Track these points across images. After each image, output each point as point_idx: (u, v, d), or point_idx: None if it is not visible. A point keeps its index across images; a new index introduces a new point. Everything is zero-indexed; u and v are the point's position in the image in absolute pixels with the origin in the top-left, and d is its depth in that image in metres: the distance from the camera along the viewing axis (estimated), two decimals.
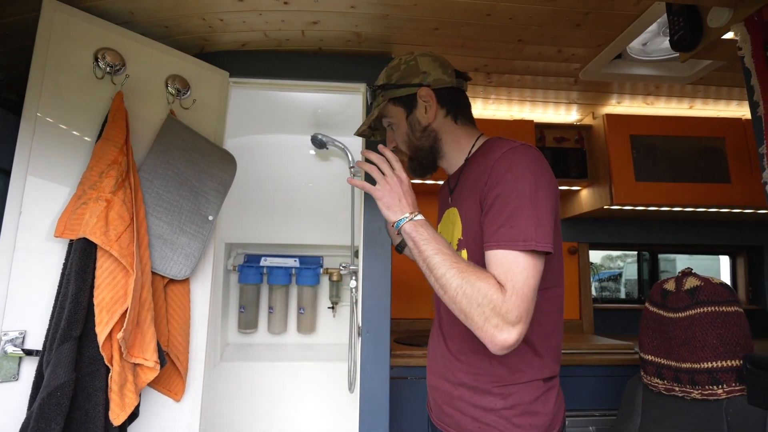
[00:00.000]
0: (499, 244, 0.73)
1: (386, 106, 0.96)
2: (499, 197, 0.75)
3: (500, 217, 0.74)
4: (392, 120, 0.97)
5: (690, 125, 1.95)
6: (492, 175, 0.78)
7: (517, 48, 1.48)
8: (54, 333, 0.92)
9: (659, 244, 2.38)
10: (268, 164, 1.93)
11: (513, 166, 0.77)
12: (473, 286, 0.70)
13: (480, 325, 0.69)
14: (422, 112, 0.92)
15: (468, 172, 0.90)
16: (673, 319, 1.06)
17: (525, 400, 0.81)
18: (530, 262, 0.71)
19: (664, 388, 1.07)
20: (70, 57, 1.07)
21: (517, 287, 0.69)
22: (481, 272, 0.72)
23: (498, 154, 0.80)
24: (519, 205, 0.73)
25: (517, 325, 0.68)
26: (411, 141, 0.95)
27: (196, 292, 1.25)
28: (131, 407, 0.95)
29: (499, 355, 0.70)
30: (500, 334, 0.68)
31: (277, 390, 1.79)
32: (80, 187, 1.00)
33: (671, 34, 1.06)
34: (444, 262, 0.74)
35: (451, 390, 0.87)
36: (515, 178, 0.75)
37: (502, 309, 0.68)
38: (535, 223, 0.72)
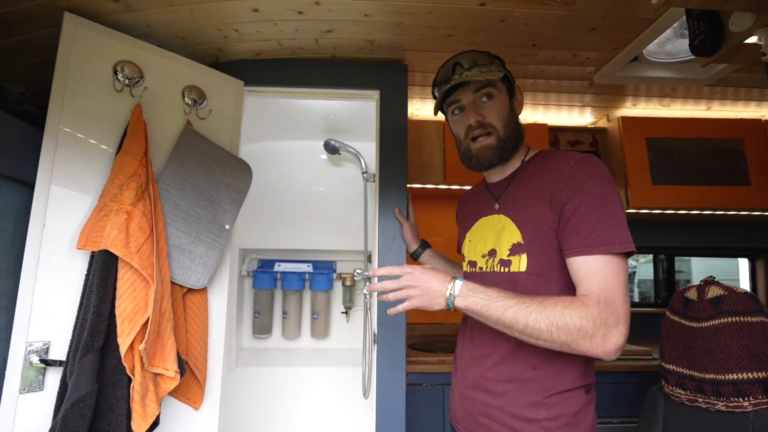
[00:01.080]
0: (592, 249, 0.75)
1: (499, 81, 0.93)
2: (583, 204, 0.78)
3: (587, 223, 0.76)
4: (498, 94, 0.93)
5: (707, 127, 1.92)
6: (571, 183, 0.80)
7: (530, 53, 1.47)
8: (77, 344, 0.93)
9: (676, 248, 2.34)
10: (282, 170, 1.94)
11: (594, 174, 0.79)
12: (563, 317, 0.72)
13: (588, 346, 0.71)
14: (516, 104, 0.97)
15: (523, 180, 0.92)
16: (696, 328, 1.04)
17: (569, 411, 0.80)
18: (621, 265, 0.74)
19: (687, 399, 1.05)
20: (91, 70, 1.09)
21: (610, 293, 0.72)
22: (561, 300, 0.74)
23: (572, 162, 0.82)
24: (608, 212, 0.76)
25: (618, 326, 0.70)
26: (509, 121, 0.93)
27: (213, 300, 1.26)
28: (153, 417, 0.96)
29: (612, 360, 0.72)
30: (609, 341, 0.70)
31: (291, 395, 1.80)
32: (101, 200, 1.01)
33: (691, 39, 1.04)
34: (518, 314, 0.74)
35: (489, 400, 0.86)
36: (599, 185, 0.78)
37: (601, 319, 0.70)
38: (624, 225, 0.76)
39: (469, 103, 0.93)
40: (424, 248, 1.35)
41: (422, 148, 1.93)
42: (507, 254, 0.88)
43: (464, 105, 0.94)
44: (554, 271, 0.82)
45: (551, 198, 0.82)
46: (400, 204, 1.44)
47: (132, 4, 1.13)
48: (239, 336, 1.89)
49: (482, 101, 0.92)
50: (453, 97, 0.96)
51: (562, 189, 0.81)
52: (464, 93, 0.93)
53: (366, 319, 1.59)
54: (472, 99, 0.93)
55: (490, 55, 0.95)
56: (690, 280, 4.16)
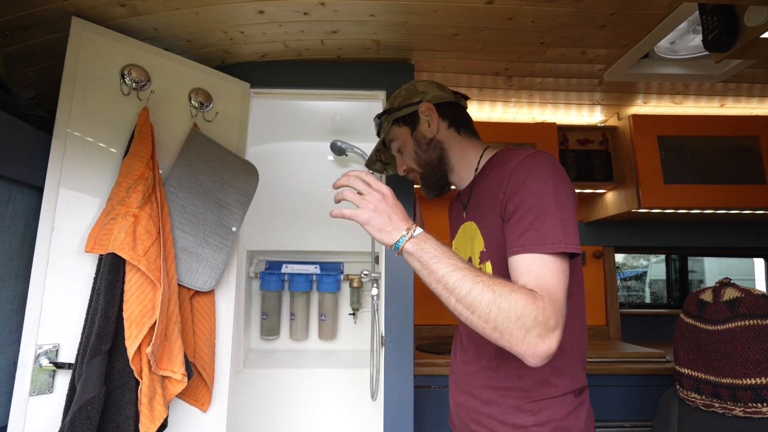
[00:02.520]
0: (526, 247, 0.70)
1: (391, 130, 1.00)
2: (522, 203, 0.74)
3: (524, 221, 0.72)
4: (399, 141, 1.00)
5: (721, 124, 1.88)
6: (511, 183, 0.76)
7: (539, 51, 1.45)
8: (85, 347, 0.93)
9: (689, 247, 2.29)
10: (288, 172, 1.94)
11: (533, 171, 0.75)
12: (508, 299, 0.64)
13: (520, 339, 0.63)
14: (425, 126, 0.95)
15: (481, 185, 0.89)
16: (711, 331, 1.01)
17: (557, 416, 0.78)
18: (560, 266, 0.69)
19: (703, 404, 1.02)
20: (98, 74, 1.10)
21: (552, 292, 0.66)
22: (511, 283, 0.68)
23: (514, 162, 0.78)
24: (543, 209, 0.71)
25: (555, 330, 0.64)
26: (419, 156, 0.97)
27: (220, 302, 1.26)
28: (160, 420, 0.97)
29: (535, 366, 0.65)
30: (543, 344, 0.63)
31: (299, 397, 1.79)
32: (109, 203, 1.02)
33: (705, 35, 1.01)
34: (465, 278, 0.67)
35: (479, 407, 0.86)
36: (537, 183, 0.74)
37: (542, 317, 0.63)
38: (561, 224, 0.70)
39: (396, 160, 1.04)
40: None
41: None
42: (478, 262, 0.87)
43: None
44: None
45: (498, 201, 0.79)
46: (406, 205, 1.42)
47: (138, 8, 1.14)
48: (247, 338, 1.90)
49: (399, 154, 1.02)
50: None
51: (505, 191, 0.77)
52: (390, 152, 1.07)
53: (374, 321, 1.58)
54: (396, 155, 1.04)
55: (378, 116, 1.04)
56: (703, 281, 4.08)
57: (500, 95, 1.84)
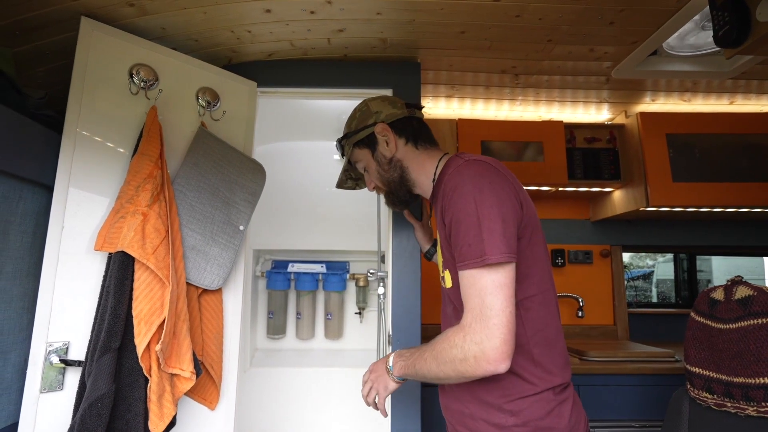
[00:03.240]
0: (460, 265, 0.75)
1: (353, 152, 1.04)
2: (452, 220, 0.78)
3: (457, 238, 0.77)
4: (363, 163, 1.04)
5: (731, 122, 1.86)
6: (444, 198, 0.81)
7: (546, 48, 1.44)
8: (95, 344, 0.94)
9: (698, 246, 2.27)
10: (294, 171, 1.94)
11: (457, 186, 0.79)
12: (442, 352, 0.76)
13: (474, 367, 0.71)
14: (384, 146, 0.99)
15: (436, 196, 0.92)
16: (723, 330, 1.00)
17: (536, 416, 0.78)
18: (491, 277, 0.72)
19: (714, 403, 1.01)
20: (107, 74, 1.10)
21: (478, 309, 0.72)
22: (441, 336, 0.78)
23: (445, 177, 0.84)
24: (468, 224, 0.75)
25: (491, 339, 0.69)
26: (382, 176, 1.01)
27: (228, 301, 1.26)
28: (169, 417, 0.97)
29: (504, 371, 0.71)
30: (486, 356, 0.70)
31: (306, 395, 1.79)
32: (118, 202, 1.02)
33: (715, 30, 1.00)
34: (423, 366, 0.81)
35: (462, 408, 0.86)
36: (459, 197, 0.77)
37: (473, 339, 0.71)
38: (484, 237, 0.73)
39: (364, 177, 1.09)
40: (437, 248, 1.33)
41: None
42: (442, 271, 0.92)
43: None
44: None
45: (442, 215, 0.84)
46: (414, 205, 1.42)
47: (147, 8, 1.14)
48: (254, 336, 1.90)
49: (366, 174, 1.06)
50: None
51: (442, 205, 0.82)
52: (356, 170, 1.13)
53: (380, 320, 1.57)
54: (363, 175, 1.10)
55: (339, 141, 1.08)
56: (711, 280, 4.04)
57: (507, 93, 1.83)
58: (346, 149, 1.05)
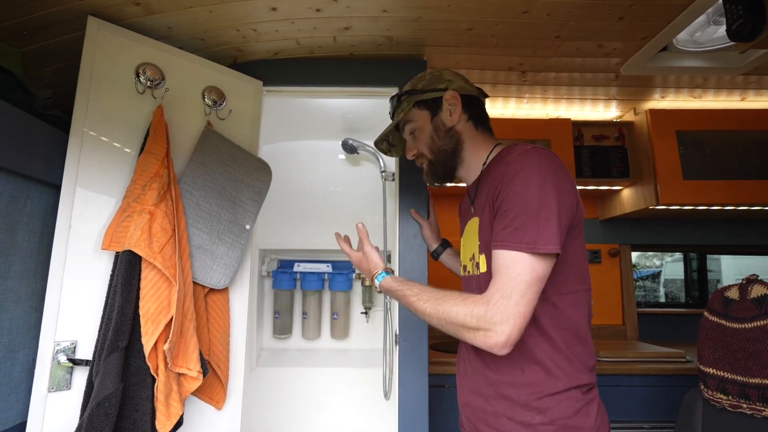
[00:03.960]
0: (503, 244, 0.74)
1: (410, 111, 1.00)
2: (506, 199, 0.77)
3: (506, 218, 0.75)
4: (416, 124, 1.00)
5: (742, 118, 1.83)
6: (503, 179, 0.79)
7: (554, 45, 1.43)
8: (102, 343, 0.94)
9: (708, 245, 2.24)
10: (300, 170, 1.94)
11: (522, 168, 0.78)
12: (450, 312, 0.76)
13: (472, 339, 0.73)
14: (447, 114, 0.96)
15: (485, 180, 0.91)
16: (738, 330, 0.98)
17: (564, 414, 0.77)
18: (530, 265, 0.71)
19: (729, 404, 0.99)
20: (113, 73, 1.10)
21: (506, 293, 0.71)
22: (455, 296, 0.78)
23: (510, 158, 0.82)
24: (524, 207, 0.74)
25: (504, 324, 0.69)
26: (434, 143, 0.97)
27: (234, 300, 1.26)
28: (176, 417, 0.97)
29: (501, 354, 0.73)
30: (489, 339, 0.71)
31: (312, 396, 1.79)
32: (125, 201, 1.02)
33: (729, 24, 0.98)
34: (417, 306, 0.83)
35: (485, 405, 0.84)
36: (522, 180, 0.76)
37: (486, 316, 0.71)
38: (540, 225, 0.72)
39: (407, 141, 1.05)
40: (444, 247, 1.32)
41: None
42: (475, 257, 0.90)
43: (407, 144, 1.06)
44: None
45: (492, 197, 0.82)
46: (420, 203, 1.41)
47: (153, 7, 1.14)
48: (260, 336, 1.90)
49: (412, 136, 1.03)
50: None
51: (498, 185, 0.81)
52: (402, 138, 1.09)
53: (386, 320, 1.56)
54: (407, 138, 1.05)
55: (399, 95, 1.03)
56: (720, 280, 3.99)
57: (513, 91, 1.81)
58: (403, 105, 1.00)
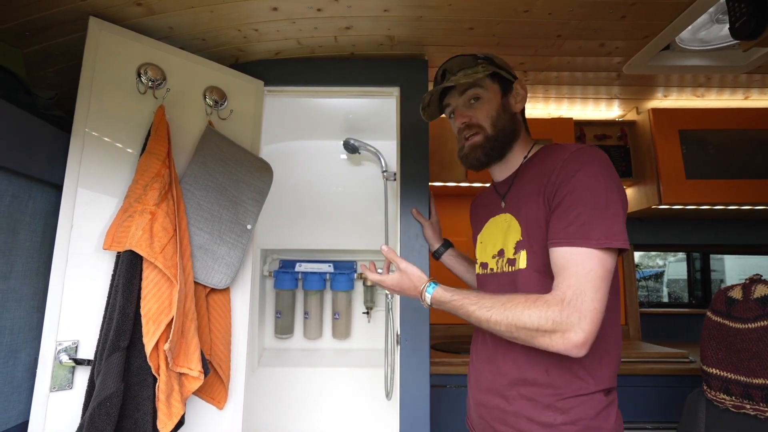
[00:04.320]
0: (570, 240, 0.72)
1: (486, 79, 0.94)
2: (569, 195, 0.74)
3: (571, 213, 0.73)
4: (485, 93, 0.94)
5: (746, 117, 1.82)
6: (561, 174, 0.77)
7: (556, 44, 1.42)
8: (104, 343, 0.94)
9: (710, 245, 2.23)
10: (302, 170, 1.94)
11: (585, 164, 0.76)
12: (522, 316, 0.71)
13: (548, 343, 0.70)
14: (514, 101, 0.95)
15: (525, 176, 0.90)
16: (741, 330, 0.98)
17: (587, 415, 0.76)
18: (601, 261, 0.70)
19: (732, 405, 0.99)
20: (115, 73, 1.11)
21: (579, 290, 0.68)
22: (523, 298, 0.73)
23: (566, 153, 0.80)
24: (593, 202, 0.72)
25: (581, 322, 0.67)
26: (498, 118, 0.93)
27: (236, 300, 1.26)
28: (178, 416, 0.97)
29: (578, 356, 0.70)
30: (567, 341, 0.68)
31: (314, 395, 1.79)
32: (126, 201, 1.03)
33: (732, 22, 0.98)
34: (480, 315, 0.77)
35: (504, 405, 0.83)
36: (587, 176, 0.75)
37: (561, 318, 0.68)
38: (609, 220, 0.71)
39: (457, 106, 0.97)
40: (446, 247, 1.32)
41: (443, 145, 1.90)
42: (513, 253, 0.87)
43: (454, 109, 0.99)
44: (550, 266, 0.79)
45: (545, 190, 0.80)
46: (421, 203, 1.41)
47: (154, 7, 1.14)
48: (261, 336, 1.90)
49: (470, 103, 0.95)
50: (445, 101, 1.00)
51: (554, 180, 0.78)
52: (452, 97, 0.98)
53: (388, 320, 1.56)
54: (460, 102, 0.96)
55: (476, 56, 0.96)
56: (723, 280, 3.97)
57: None
58: (478, 69, 0.92)
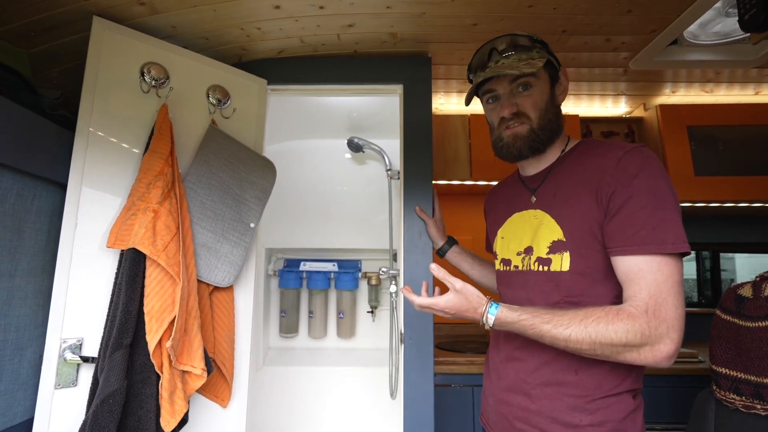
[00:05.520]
0: (643, 248, 0.70)
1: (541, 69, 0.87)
2: (632, 198, 0.72)
3: (637, 219, 0.71)
4: (537, 82, 0.87)
5: (756, 113, 1.79)
6: (618, 175, 0.74)
7: (561, 39, 1.41)
8: (107, 341, 0.94)
9: (722, 243, 2.19)
10: (306, 169, 1.94)
11: (645, 165, 0.73)
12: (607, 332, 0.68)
13: (636, 358, 0.68)
14: (559, 91, 0.91)
15: (563, 172, 0.86)
16: (751, 328, 0.95)
17: (615, 417, 0.75)
18: (674, 267, 0.69)
19: (743, 405, 0.96)
20: (119, 73, 1.11)
21: (660, 299, 0.67)
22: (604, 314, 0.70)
23: (619, 152, 0.76)
24: (661, 206, 0.70)
25: (671, 333, 0.66)
26: (546, 111, 0.87)
27: (239, 298, 1.26)
28: (181, 414, 0.97)
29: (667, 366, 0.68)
30: (660, 352, 0.67)
31: (318, 394, 1.79)
32: (129, 199, 1.03)
33: (741, 14, 0.95)
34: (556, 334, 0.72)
35: (527, 403, 0.81)
36: (650, 178, 0.72)
37: (649, 331, 0.67)
38: (677, 223, 0.70)
39: (505, 93, 0.89)
40: (450, 245, 1.31)
41: (447, 143, 1.89)
42: (546, 252, 0.82)
43: (499, 95, 0.90)
44: (599, 271, 0.77)
45: (597, 191, 0.76)
46: (425, 201, 1.40)
47: (157, 7, 1.15)
48: (266, 335, 1.90)
49: (518, 91, 0.87)
50: (488, 86, 0.91)
51: (609, 182, 0.75)
52: (500, 83, 0.89)
53: (392, 319, 1.56)
54: (508, 89, 0.88)
55: (532, 38, 0.88)
56: (734, 279, 3.91)
57: None
58: (534, 54, 0.85)
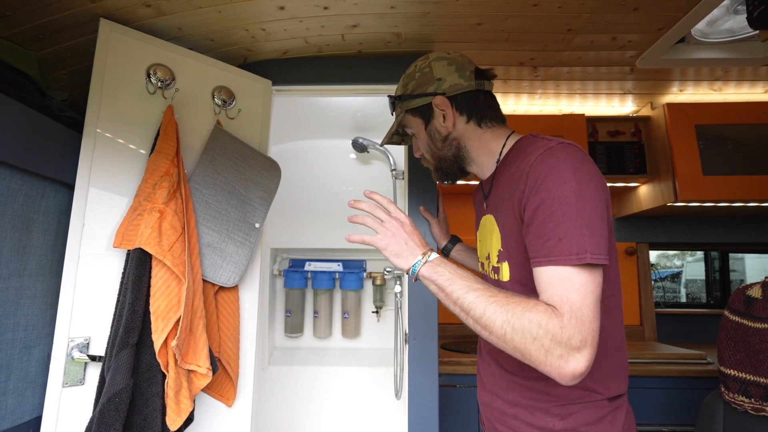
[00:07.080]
0: (549, 259, 0.65)
1: (405, 117, 0.94)
2: (541, 206, 0.67)
3: (545, 228, 0.66)
4: (412, 130, 0.95)
5: (765, 111, 1.76)
6: (529, 181, 0.70)
7: (566, 38, 1.40)
8: (114, 340, 0.95)
9: (730, 243, 2.17)
10: (310, 169, 1.95)
11: (552, 169, 0.68)
12: (522, 318, 0.62)
13: (542, 360, 0.61)
14: (440, 121, 0.88)
15: (502, 176, 0.83)
16: (761, 330, 0.94)
17: (588, 421, 0.73)
18: (586, 277, 0.63)
19: (752, 408, 0.95)
20: (125, 74, 1.12)
21: (575, 308, 0.61)
22: (526, 300, 0.64)
23: (533, 156, 0.72)
24: (565, 214, 0.65)
25: (583, 349, 0.60)
26: (433, 151, 0.92)
27: (244, 298, 1.27)
28: (186, 413, 0.97)
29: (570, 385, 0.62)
30: (567, 365, 0.59)
31: (323, 394, 1.79)
32: (136, 199, 1.04)
33: (749, 11, 0.94)
34: (479, 298, 0.66)
35: (505, 408, 0.82)
36: (556, 184, 0.67)
37: (562, 336, 0.60)
38: (585, 232, 0.64)
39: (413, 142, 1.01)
40: (454, 243, 1.30)
41: None
42: (496, 261, 0.82)
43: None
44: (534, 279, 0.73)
45: (518, 199, 0.73)
46: (429, 201, 1.40)
47: (163, 8, 1.16)
48: (272, 335, 1.91)
49: (415, 139, 0.97)
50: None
51: (523, 188, 0.71)
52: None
53: (397, 319, 1.56)
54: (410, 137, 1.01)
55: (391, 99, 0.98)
56: (744, 280, 3.87)
57: (525, 87, 1.78)
58: (397, 111, 0.96)
